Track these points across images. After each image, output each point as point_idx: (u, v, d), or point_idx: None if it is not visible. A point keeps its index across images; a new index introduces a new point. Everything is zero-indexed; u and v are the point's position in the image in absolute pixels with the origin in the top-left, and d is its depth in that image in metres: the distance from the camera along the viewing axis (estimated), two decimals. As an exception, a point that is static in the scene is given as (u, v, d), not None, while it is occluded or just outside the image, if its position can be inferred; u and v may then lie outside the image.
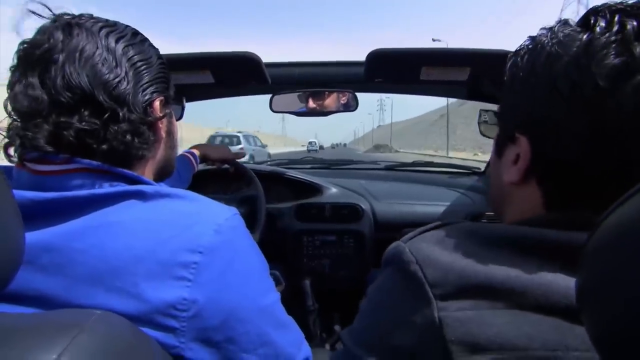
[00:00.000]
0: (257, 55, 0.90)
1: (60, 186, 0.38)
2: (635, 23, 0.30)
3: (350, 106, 1.19)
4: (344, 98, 1.19)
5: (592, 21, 0.32)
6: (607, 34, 0.30)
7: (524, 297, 0.30)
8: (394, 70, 0.95)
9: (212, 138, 13.09)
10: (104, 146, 0.40)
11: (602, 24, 0.31)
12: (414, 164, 1.77)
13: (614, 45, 0.29)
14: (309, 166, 1.74)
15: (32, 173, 0.39)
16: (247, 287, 0.41)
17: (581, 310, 0.24)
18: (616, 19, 0.30)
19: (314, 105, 1.21)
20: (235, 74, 0.99)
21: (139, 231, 0.37)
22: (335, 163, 1.82)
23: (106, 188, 0.39)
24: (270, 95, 1.17)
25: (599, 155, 0.32)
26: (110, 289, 0.35)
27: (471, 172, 1.55)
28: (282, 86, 1.12)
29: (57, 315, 0.31)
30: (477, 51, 0.84)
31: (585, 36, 0.31)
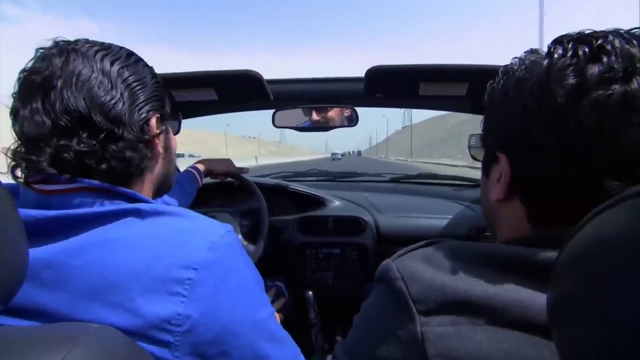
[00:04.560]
0: (258, 73, 0.92)
1: (63, 204, 0.40)
2: (587, 49, 0.33)
3: (352, 120, 1.21)
4: (347, 112, 1.21)
5: (552, 49, 0.35)
6: (563, 59, 0.33)
7: (503, 313, 0.30)
8: (392, 86, 0.96)
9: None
10: (103, 165, 0.42)
11: (560, 51, 0.34)
12: (418, 176, 1.77)
13: (571, 68, 0.33)
14: (313, 178, 1.75)
15: (38, 192, 0.41)
16: (240, 302, 0.42)
17: (550, 327, 0.24)
18: (570, 45, 0.34)
19: (317, 119, 1.22)
20: (238, 91, 1.02)
21: (135, 248, 0.38)
22: (340, 175, 1.83)
23: (105, 206, 0.41)
24: (273, 111, 1.19)
25: (569, 169, 0.33)
26: (107, 304, 0.36)
27: (476, 184, 1.55)
28: (284, 102, 1.14)
29: (54, 328, 0.33)
30: (474, 67, 0.85)
31: (546, 62, 0.35)
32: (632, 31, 0.34)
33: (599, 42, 0.33)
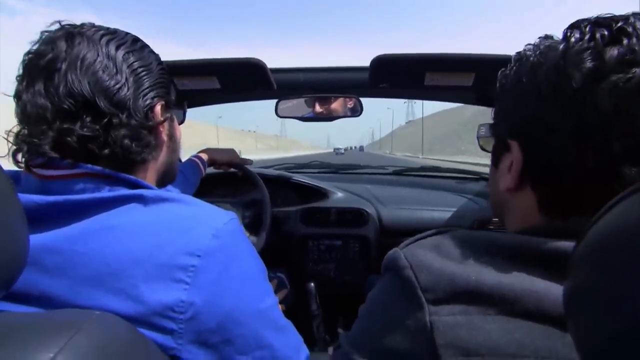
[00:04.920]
0: (262, 61, 0.91)
1: (65, 190, 0.39)
2: (606, 32, 0.32)
3: (357, 111, 1.20)
4: (350, 102, 1.19)
5: (568, 34, 0.34)
6: (580, 42, 0.32)
7: (516, 304, 0.30)
8: (397, 75, 0.95)
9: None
10: (106, 151, 0.41)
11: (577, 34, 0.33)
12: (421, 168, 1.76)
13: (588, 52, 0.32)
14: (316, 170, 1.75)
15: (39, 178, 0.40)
16: (243, 290, 0.42)
17: (567, 318, 0.24)
18: (588, 29, 0.33)
19: (321, 110, 1.21)
20: (241, 79, 1.01)
21: (138, 234, 0.38)
22: (342, 167, 1.82)
23: (108, 192, 0.40)
24: (276, 101, 1.18)
25: (585, 154, 0.32)
26: (110, 290, 0.36)
27: (479, 177, 1.54)
28: (287, 91, 1.13)
29: (55, 314, 0.32)
30: (481, 56, 0.83)
31: (562, 46, 0.34)
32: None
33: (620, 24, 0.31)
